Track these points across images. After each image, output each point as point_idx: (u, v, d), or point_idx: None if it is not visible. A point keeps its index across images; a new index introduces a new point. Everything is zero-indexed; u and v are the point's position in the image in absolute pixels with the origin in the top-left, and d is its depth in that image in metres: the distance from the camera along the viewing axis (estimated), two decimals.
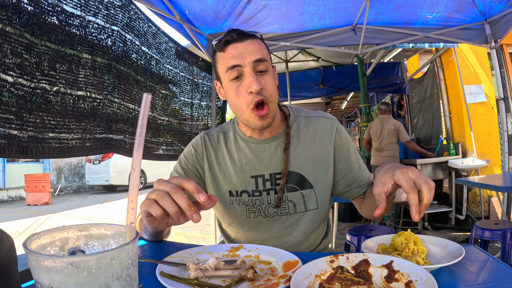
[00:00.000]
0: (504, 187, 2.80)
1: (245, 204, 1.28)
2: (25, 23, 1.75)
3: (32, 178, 11.32)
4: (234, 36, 1.16)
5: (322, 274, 0.74)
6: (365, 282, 0.73)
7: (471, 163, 4.75)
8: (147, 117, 0.48)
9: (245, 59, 1.13)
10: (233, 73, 1.15)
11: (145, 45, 2.91)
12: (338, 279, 0.73)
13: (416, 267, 0.71)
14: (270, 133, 1.29)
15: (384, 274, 0.74)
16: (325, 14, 3.70)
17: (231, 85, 1.17)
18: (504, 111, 4.21)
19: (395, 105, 8.33)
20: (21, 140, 1.78)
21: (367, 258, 0.77)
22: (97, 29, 2.28)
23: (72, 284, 0.37)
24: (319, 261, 0.77)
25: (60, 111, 2.02)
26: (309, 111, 1.39)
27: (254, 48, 1.15)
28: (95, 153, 2.34)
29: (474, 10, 3.71)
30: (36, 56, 1.83)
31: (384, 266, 0.75)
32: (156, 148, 3.21)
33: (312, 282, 0.71)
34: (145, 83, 2.94)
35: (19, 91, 1.75)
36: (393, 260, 0.75)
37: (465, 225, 5.00)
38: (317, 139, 1.29)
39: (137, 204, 0.47)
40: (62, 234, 0.47)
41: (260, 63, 1.15)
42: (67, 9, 2.02)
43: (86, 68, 2.19)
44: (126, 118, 2.63)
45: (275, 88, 1.20)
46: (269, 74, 1.18)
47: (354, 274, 0.75)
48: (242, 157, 1.30)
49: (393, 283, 0.71)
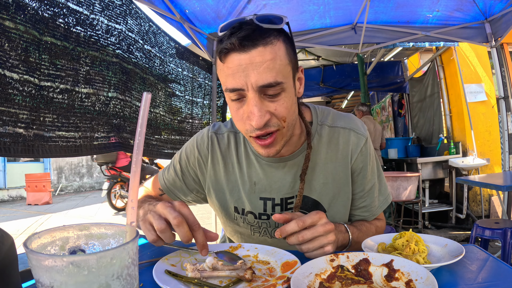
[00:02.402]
0: (505, 186, 2.80)
1: (250, 224, 1.16)
2: (29, 20, 1.74)
3: (32, 178, 11.33)
4: (236, 43, 0.83)
5: (322, 273, 0.74)
6: (366, 281, 0.72)
7: (472, 162, 4.75)
8: (147, 117, 0.49)
9: (248, 79, 0.85)
10: (233, 96, 0.90)
11: (148, 43, 2.92)
12: (338, 278, 0.72)
13: (417, 266, 0.70)
14: (285, 151, 1.07)
15: (384, 273, 0.73)
16: (325, 13, 3.70)
17: (232, 106, 0.94)
18: (504, 110, 4.21)
19: (396, 104, 8.34)
20: (26, 139, 1.76)
21: (367, 257, 0.77)
22: (102, 27, 2.28)
23: (72, 283, 0.37)
24: (319, 260, 0.77)
25: (67, 109, 2.00)
26: (337, 117, 1.14)
27: (263, 62, 0.84)
28: (103, 152, 2.34)
29: (474, 9, 3.71)
30: (41, 53, 1.82)
31: (384, 265, 0.74)
32: (153, 146, 3.22)
33: (312, 281, 0.71)
34: (150, 81, 2.94)
35: (24, 88, 1.73)
36: (393, 259, 0.74)
37: (466, 224, 5.00)
38: (339, 157, 1.10)
39: (137, 203, 0.48)
40: (62, 234, 0.48)
41: (269, 89, 0.87)
42: (71, 6, 2.02)
43: (92, 66, 2.18)
44: (133, 116, 2.64)
45: (292, 110, 0.94)
46: (284, 94, 0.90)
47: (355, 273, 0.75)
48: (253, 174, 1.13)
49: (393, 282, 0.71)
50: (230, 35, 0.85)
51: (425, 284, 0.65)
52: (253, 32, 0.84)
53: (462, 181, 3.38)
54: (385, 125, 9.42)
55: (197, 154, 1.18)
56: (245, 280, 0.74)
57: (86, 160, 16.28)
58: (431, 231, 4.85)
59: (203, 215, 7.54)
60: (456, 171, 5.07)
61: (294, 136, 1.06)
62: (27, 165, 13.52)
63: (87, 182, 16.17)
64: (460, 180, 3.39)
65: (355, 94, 9.78)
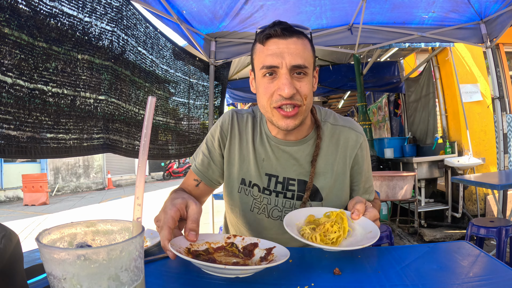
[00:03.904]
0: (499, 185, 2.82)
1: (253, 197, 1.27)
2: (22, 25, 1.77)
3: (29, 178, 11.30)
4: (278, 30, 1.07)
5: (213, 243, 0.90)
6: (244, 257, 0.88)
7: (467, 162, 4.79)
8: (152, 119, 0.51)
9: (283, 59, 1.05)
10: (268, 72, 1.09)
11: (142, 45, 2.93)
12: (225, 251, 0.89)
13: (286, 251, 0.84)
14: (295, 136, 1.24)
15: (262, 254, 0.88)
16: (321, 14, 3.72)
17: (263, 81, 1.11)
18: (499, 110, 4.24)
19: (392, 104, 8.37)
20: (20, 141, 1.80)
21: (258, 242, 0.93)
22: (95, 30, 2.29)
23: (84, 275, 0.39)
24: (219, 235, 0.93)
25: (58, 111, 2.04)
26: (338, 118, 1.33)
27: (296, 49, 1.07)
28: (92, 153, 2.36)
29: (469, 10, 3.74)
30: (34, 57, 1.84)
31: (266, 249, 0.89)
32: (152, 148, 3.23)
33: (197, 245, 0.88)
34: (141, 83, 2.95)
35: (17, 92, 1.77)
36: (275, 246, 0.89)
37: (461, 223, 5.04)
38: (339, 151, 1.26)
39: (143, 200, 0.50)
40: (70, 230, 0.50)
41: (299, 69, 1.07)
42: (66, 10, 2.04)
43: (83, 69, 2.20)
44: (123, 118, 2.65)
45: (311, 93, 1.13)
46: (307, 78, 1.10)
47: (241, 251, 0.90)
48: (263, 152, 1.27)
49: (263, 262, 0.84)
50: (273, 25, 1.09)
51: (280, 254, 0.83)
52: (290, 27, 1.09)
53: (458, 181, 3.41)
54: (381, 125, 9.46)
55: (219, 130, 1.32)
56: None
57: (83, 160, 16.26)
58: (427, 230, 4.88)
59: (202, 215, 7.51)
60: (452, 170, 5.11)
61: (305, 124, 1.23)
62: (23, 165, 13.48)
63: (84, 182, 16.13)
64: (455, 180, 3.42)
65: (352, 94, 9.81)
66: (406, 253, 0.91)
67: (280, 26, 1.07)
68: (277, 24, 1.09)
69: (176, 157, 3.67)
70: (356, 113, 12.18)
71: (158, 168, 22.24)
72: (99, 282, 0.41)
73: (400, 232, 5.16)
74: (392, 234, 2.75)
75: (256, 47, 1.14)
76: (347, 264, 0.85)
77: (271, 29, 1.08)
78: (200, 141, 4.02)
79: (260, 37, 1.10)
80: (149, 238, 1.09)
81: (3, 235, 0.54)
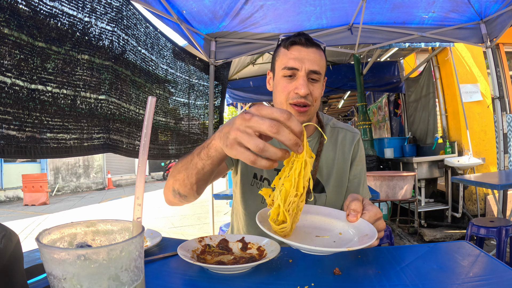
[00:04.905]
0: (500, 185, 2.82)
1: None
2: (22, 25, 1.77)
3: (29, 178, 11.29)
4: (302, 40, 1.25)
5: (195, 250, 0.94)
6: (228, 252, 0.95)
7: (467, 161, 4.79)
8: (152, 119, 0.51)
9: (304, 64, 1.23)
10: (288, 72, 1.24)
11: (142, 45, 2.93)
12: (208, 252, 0.94)
13: (258, 238, 0.98)
14: None
15: (239, 246, 0.97)
16: (321, 14, 3.72)
17: (282, 80, 1.27)
18: (499, 110, 4.24)
19: (392, 104, 8.37)
20: (19, 141, 1.80)
21: (225, 237, 1.01)
22: (95, 30, 2.29)
23: (84, 275, 0.39)
24: (191, 241, 0.97)
25: (58, 111, 2.04)
26: (337, 122, 1.52)
27: (315, 58, 1.25)
28: (93, 153, 2.36)
29: (470, 10, 3.74)
30: (33, 57, 1.84)
31: (238, 241, 0.99)
32: (152, 148, 3.23)
33: (191, 255, 0.89)
34: (142, 83, 2.95)
35: (17, 92, 1.77)
36: (244, 237, 1.00)
37: (461, 222, 5.04)
38: (338, 149, 1.43)
39: (143, 200, 0.50)
40: (70, 230, 0.50)
41: (314, 74, 1.25)
42: (66, 10, 2.04)
43: (83, 69, 2.20)
44: (123, 118, 2.65)
45: (319, 98, 1.31)
46: (319, 83, 1.28)
47: (219, 249, 0.97)
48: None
49: (248, 250, 0.95)
50: (297, 35, 1.27)
51: (271, 245, 0.92)
52: (312, 39, 1.28)
53: (458, 180, 3.41)
54: (381, 125, 9.46)
55: None
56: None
57: (83, 160, 16.25)
58: (427, 230, 4.88)
59: (200, 214, 7.55)
60: (452, 170, 5.11)
61: (311, 124, 1.37)
62: (23, 165, 13.46)
63: (84, 182, 16.12)
64: (455, 179, 3.42)
65: (352, 94, 9.81)
66: (406, 253, 0.91)
67: (303, 36, 1.26)
68: (301, 34, 1.27)
69: (176, 157, 3.67)
70: (356, 113, 12.18)
71: (158, 168, 22.25)
72: (99, 282, 0.41)
73: (400, 232, 5.16)
74: (392, 234, 2.75)
75: (280, 50, 1.31)
76: (347, 264, 0.85)
77: (296, 38, 1.26)
78: (200, 141, 4.02)
79: (285, 43, 1.29)
80: (149, 238, 1.10)
81: (3, 235, 0.54)
